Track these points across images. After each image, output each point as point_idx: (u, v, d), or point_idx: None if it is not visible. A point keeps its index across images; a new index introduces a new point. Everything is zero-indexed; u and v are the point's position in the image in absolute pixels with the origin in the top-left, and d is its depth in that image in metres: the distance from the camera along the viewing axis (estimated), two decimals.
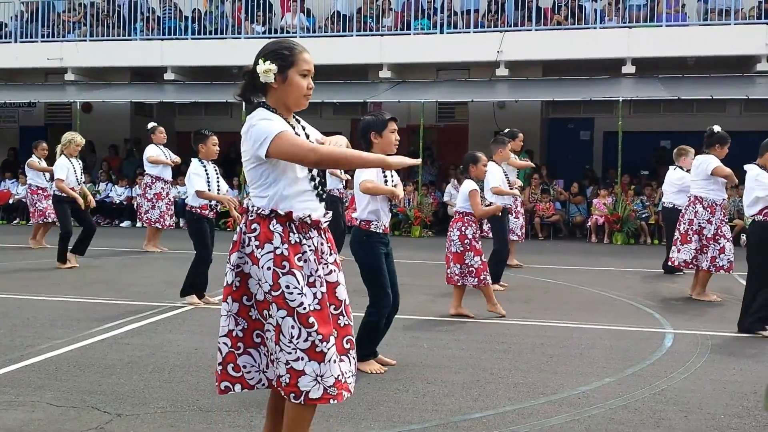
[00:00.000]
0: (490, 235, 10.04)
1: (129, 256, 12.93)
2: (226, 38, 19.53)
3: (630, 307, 8.78)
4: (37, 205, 13.72)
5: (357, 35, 18.92)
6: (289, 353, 3.43)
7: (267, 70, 3.52)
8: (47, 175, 13.42)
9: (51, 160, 12.56)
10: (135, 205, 13.82)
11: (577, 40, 17.60)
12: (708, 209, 9.03)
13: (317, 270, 3.56)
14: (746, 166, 7.48)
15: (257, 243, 3.50)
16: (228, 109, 19.74)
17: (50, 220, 13.35)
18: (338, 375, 3.50)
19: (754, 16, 17.58)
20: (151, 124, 13.80)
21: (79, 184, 11.35)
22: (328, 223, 3.71)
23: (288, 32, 19.26)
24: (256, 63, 3.57)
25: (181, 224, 15.48)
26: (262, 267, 3.47)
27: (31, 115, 22.86)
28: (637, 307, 8.73)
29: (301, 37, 19.09)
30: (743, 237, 12.91)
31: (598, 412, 4.97)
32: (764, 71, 16.94)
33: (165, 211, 13.31)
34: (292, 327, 3.43)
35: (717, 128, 9.09)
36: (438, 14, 18.81)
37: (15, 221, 19.59)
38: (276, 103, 3.60)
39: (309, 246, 3.56)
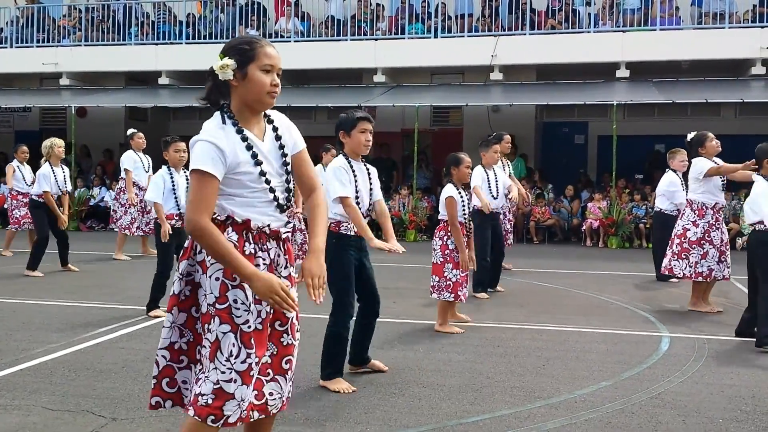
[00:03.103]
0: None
1: (123, 260, 12.88)
2: (220, 43, 19.49)
3: (626, 310, 8.78)
4: (14, 212, 13.10)
5: (351, 39, 18.92)
6: (223, 372, 3.18)
7: (224, 66, 3.24)
8: (28, 179, 12.84)
9: (34, 163, 12.21)
10: (111, 210, 13.45)
11: (571, 44, 17.63)
12: (696, 211, 8.58)
13: None
14: (753, 177, 7.42)
15: None
16: None
17: (25, 227, 12.85)
18: (256, 395, 3.31)
19: (749, 19, 17.61)
20: (130, 130, 13.61)
21: (63, 193, 11.08)
22: (288, 234, 3.45)
23: (282, 37, 19.27)
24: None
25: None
26: (210, 276, 3.23)
27: (26, 119, 22.83)
28: (632, 311, 8.73)
29: (295, 41, 19.12)
30: (739, 241, 12.88)
31: (594, 415, 4.96)
32: (759, 75, 16.98)
33: (135, 218, 13.15)
34: (233, 345, 3.18)
35: (690, 135, 8.89)
36: (432, 18, 18.83)
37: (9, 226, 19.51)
38: (239, 103, 3.29)
39: (264, 258, 3.30)
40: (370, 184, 5.67)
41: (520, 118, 19.20)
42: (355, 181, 5.51)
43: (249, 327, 3.21)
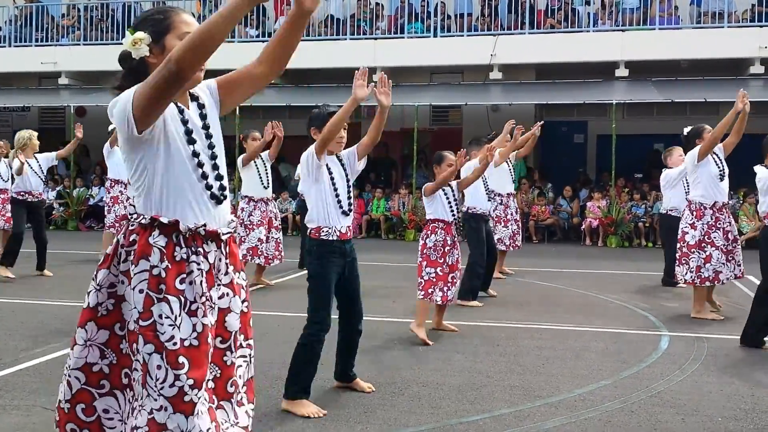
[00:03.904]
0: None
1: None
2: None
3: (625, 309, 8.79)
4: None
5: (351, 39, 18.93)
6: (155, 400, 2.72)
7: (136, 41, 2.79)
8: (5, 175, 12.07)
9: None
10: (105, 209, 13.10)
11: (570, 44, 17.63)
12: (694, 212, 8.13)
13: (203, 294, 2.83)
14: (756, 168, 7.37)
15: (132, 258, 2.83)
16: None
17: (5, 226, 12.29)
18: (208, 428, 2.78)
19: (747, 19, 17.63)
20: (111, 127, 13.14)
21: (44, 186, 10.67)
22: (230, 234, 2.99)
23: None
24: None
25: None
26: (134, 289, 2.78)
27: (25, 119, 22.79)
28: (632, 310, 8.73)
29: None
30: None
31: (594, 414, 4.97)
32: (757, 74, 17.00)
33: (120, 216, 13.02)
34: (158, 367, 2.72)
35: (685, 129, 8.71)
36: (431, 18, 18.83)
37: None
38: None
39: (198, 264, 2.84)
40: (348, 180, 5.24)
41: (519, 117, 18.98)
42: (332, 178, 5.10)
43: (175, 344, 2.74)
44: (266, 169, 9.82)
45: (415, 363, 6.25)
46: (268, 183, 9.86)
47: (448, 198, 7.15)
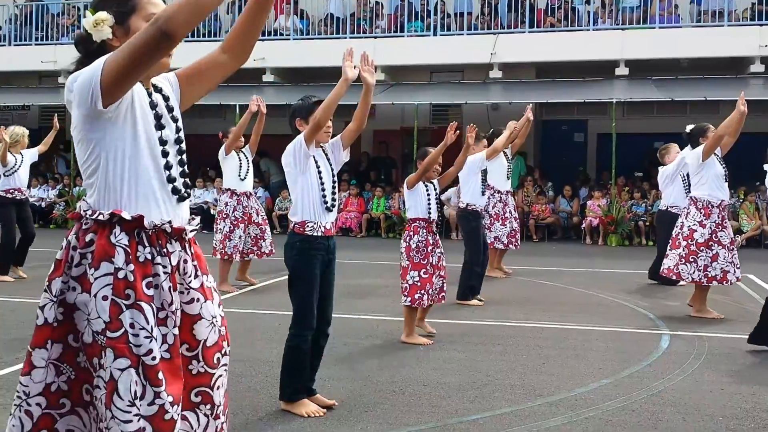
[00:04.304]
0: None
1: None
2: (218, 40, 19.46)
3: (625, 308, 8.78)
4: None
5: (351, 37, 18.90)
6: (128, 421, 2.42)
7: (98, 22, 2.53)
8: None
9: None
10: None
11: (570, 42, 17.63)
12: (702, 210, 8.07)
13: (171, 302, 2.58)
14: (766, 166, 7.34)
15: (90, 261, 2.53)
16: (222, 112, 19.74)
17: None
18: None
19: (747, 17, 17.63)
20: None
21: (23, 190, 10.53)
22: (195, 232, 2.76)
23: (281, 34, 19.27)
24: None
25: None
26: (96, 296, 2.48)
27: (25, 118, 22.73)
28: (632, 309, 8.73)
29: (294, 39, 19.11)
30: (738, 238, 12.88)
31: (595, 413, 4.96)
32: (757, 72, 17.00)
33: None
34: (136, 383, 2.45)
35: (689, 127, 8.67)
36: (431, 16, 18.82)
37: None
38: None
39: (165, 267, 2.58)
40: (333, 174, 5.06)
41: (519, 115, 18.96)
42: (319, 172, 4.92)
43: (154, 359, 2.48)
44: (248, 162, 9.60)
45: (415, 362, 6.24)
46: (246, 176, 9.57)
47: (429, 194, 6.87)
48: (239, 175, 9.54)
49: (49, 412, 2.58)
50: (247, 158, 9.58)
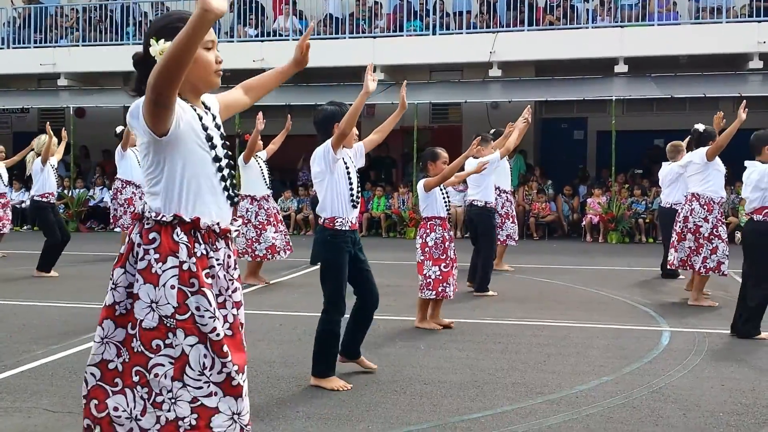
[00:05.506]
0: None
1: None
2: (218, 42, 19.48)
3: (626, 305, 8.79)
4: None
5: (350, 37, 18.93)
6: (199, 388, 2.84)
7: (163, 51, 2.80)
8: (5, 179, 12.72)
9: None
10: (111, 210, 12.80)
11: (569, 40, 17.64)
12: (705, 206, 8.54)
13: (227, 288, 3.02)
14: (747, 163, 7.38)
15: (157, 256, 2.88)
16: None
17: (4, 230, 12.60)
18: (248, 411, 2.97)
19: (746, 14, 17.64)
20: (118, 129, 12.93)
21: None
22: (237, 233, 3.24)
23: (280, 35, 19.27)
24: (147, 44, 2.96)
25: None
26: (164, 286, 2.85)
27: (24, 120, 22.82)
28: (633, 306, 8.73)
29: (293, 39, 19.10)
30: (737, 234, 12.88)
31: (596, 411, 4.97)
32: (756, 69, 17.00)
33: (133, 215, 12.90)
34: (205, 356, 2.84)
35: (701, 127, 8.93)
36: (430, 16, 18.83)
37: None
38: (181, 87, 2.80)
39: (217, 259, 2.99)
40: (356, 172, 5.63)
41: (519, 114, 19.03)
42: (347, 171, 5.49)
43: (218, 335, 2.87)
44: (266, 168, 9.95)
45: (416, 361, 6.25)
46: (268, 181, 10.01)
47: (443, 194, 7.35)
48: (265, 181, 9.90)
49: (103, 386, 2.94)
50: (261, 164, 9.83)
